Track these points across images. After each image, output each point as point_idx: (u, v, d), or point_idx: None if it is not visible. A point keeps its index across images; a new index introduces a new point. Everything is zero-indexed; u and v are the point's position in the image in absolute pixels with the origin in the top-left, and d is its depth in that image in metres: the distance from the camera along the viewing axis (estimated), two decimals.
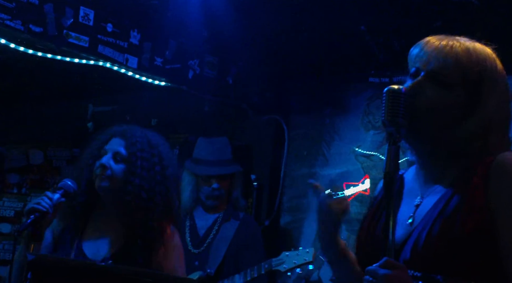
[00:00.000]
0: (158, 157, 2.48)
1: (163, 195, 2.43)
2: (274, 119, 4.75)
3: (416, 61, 1.70)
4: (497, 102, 1.65)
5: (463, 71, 1.65)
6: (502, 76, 1.70)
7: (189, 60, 4.26)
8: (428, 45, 1.70)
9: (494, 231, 1.54)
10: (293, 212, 4.59)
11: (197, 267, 3.73)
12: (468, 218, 1.55)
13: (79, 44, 3.62)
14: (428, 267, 1.57)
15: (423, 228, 1.61)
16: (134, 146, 2.46)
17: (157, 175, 2.44)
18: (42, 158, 5.83)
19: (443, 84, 1.65)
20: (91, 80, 4.78)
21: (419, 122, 1.64)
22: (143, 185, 2.41)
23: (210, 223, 3.90)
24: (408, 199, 1.76)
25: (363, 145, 4.40)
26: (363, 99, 4.44)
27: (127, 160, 2.45)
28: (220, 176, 3.89)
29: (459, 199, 1.58)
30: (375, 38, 3.90)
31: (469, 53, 1.67)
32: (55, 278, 1.58)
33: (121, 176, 2.44)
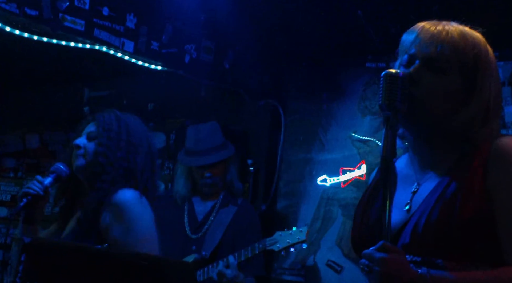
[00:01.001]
0: (126, 132, 2.50)
1: (125, 161, 2.43)
2: (271, 104, 4.74)
3: (411, 48, 1.69)
4: (493, 85, 1.66)
5: (460, 56, 1.65)
6: (494, 60, 1.71)
7: (186, 45, 4.24)
8: (423, 31, 1.69)
9: (493, 215, 1.55)
10: (290, 197, 4.60)
11: (194, 251, 3.74)
12: (467, 202, 1.56)
13: (75, 28, 3.60)
14: (427, 252, 1.58)
15: (422, 213, 1.61)
16: (103, 122, 2.50)
17: (121, 142, 2.46)
18: (38, 142, 5.83)
19: (440, 70, 1.65)
20: (87, 64, 4.76)
21: (419, 110, 1.64)
22: (104, 152, 2.42)
23: (209, 208, 3.91)
24: (403, 185, 1.76)
25: (360, 130, 4.40)
26: (360, 85, 4.44)
27: (97, 136, 2.48)
28: (211, 164, 3.89)
29: (458, 184, 1.59)
30: (372, 23, 3.89)
31: (465, 37, 1.67)
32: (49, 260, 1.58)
33: (94, 149, 2.46)
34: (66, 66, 5.02)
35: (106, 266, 1.48)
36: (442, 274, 1.53)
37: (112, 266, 1.47)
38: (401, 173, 1.79)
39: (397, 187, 1.77)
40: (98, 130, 2.49)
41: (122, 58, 4.06)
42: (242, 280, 3.52)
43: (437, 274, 1.52)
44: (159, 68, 4.29)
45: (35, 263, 1.57)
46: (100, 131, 2.48)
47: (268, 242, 3.55)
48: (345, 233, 4.32)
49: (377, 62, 4.31)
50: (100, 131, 2.48)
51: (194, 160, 3.91)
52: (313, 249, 4.35)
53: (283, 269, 4.49)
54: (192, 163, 3.91)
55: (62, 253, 1.55)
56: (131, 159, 2.46)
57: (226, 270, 3.47)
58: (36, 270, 1.53)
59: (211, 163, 3.88)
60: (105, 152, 2.43)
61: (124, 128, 2.50)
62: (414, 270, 1.51)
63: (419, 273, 1.51)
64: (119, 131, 2.48)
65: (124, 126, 2.51)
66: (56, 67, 5.12)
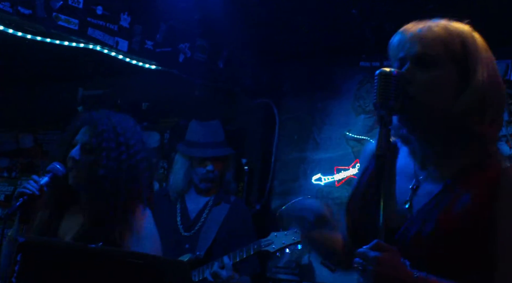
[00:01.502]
0: (125, 145, 2.48)
1: (129, 183, 2.44)
2: (265, 103, 4.74)
3: (399, 51, 1.70)
4: (487, 71, 1.65)
5: (446, 46, 1.66)
6: (484, 45, 1.70)
7: (180, 44, 4.24)
8: (406, 33, 1.70)
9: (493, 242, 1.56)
10: (284, 196, 4.60)
11: (188, 250, 3.74)
12: (475, 225, 1.56)
13: (69, 27, 3.59)
14: (426, 257, 1.58)
15: (425, 219, 1.61)
16: (101, 136, 2.46)
17: (123, 165, 2.44)
18: (32, 142, 5.81)
19: (431, 64, 1.66)
20: (81, 63, 4.76)
21: (417, 107, 1.63)
22: (107, 176, 2.41)
23: (201, 206, 3.90)
24: (402, 178, 1.75)
25: (354, 129, 4.41)
26: (354, 84, 4.44)
27: (94, 150, 2.46)
28: (215, 157, 3.88)
29: (467, 202, 1.58)
30: (366, 22, 3.89)
31: (446, 28, 1.68)
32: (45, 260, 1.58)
33: (88, 167, 2.45)
34: (60, 65, 5.01)
35: (101, 265, 1.48)
36: (437, 279, 1.52)
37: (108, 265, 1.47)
38: (400, 162, 1.78)
39: (395, 178, 1.76)
40: (96, 145, 2.45)
41: (116, 57, 4.05)
42: (237, 280, 3.52)
43: (433, 279, 1.52)
44: (153, 67, 4.28)
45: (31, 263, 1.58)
46: (98, 147, 2.44)
47: (263, 243, 3.55)
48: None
49: (371, 61, 4.32)
50: (97, 146, 2.45)
51: (200, 151, 3.89)
52: (308, 248, 4.35)
53: (278, 268, 4.50)
54: (198, 153, 3.89)
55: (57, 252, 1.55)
56: (134, 176, 2.46)
57: (221, 271, 3.47)
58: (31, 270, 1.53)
59: (217, 156, 3.87)
60: (108, 176, 2.41)
61: (123, 142, 2.47)
62: (409, 271, 1.51)
63: (415, 275, 1.51)
64: (120, 150, 2.46)
65: (123, 138, 2.48)
66: (50, 66, 5.11)
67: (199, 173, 3.87)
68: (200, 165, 3.87)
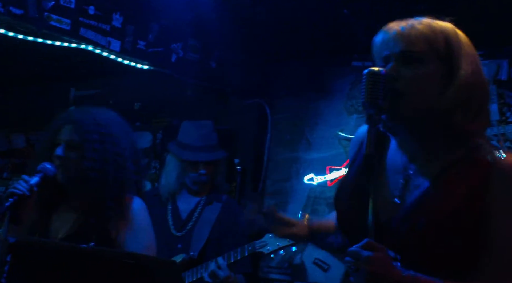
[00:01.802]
0: (108, 135, 2.50)
1: (116, 174, 2.45)
2: (258, 103, 4.75)
3: (383, 49, 1.72)
4: (471, 67, 1.67)
5: (430, 42, 1.67)
6: (468, 42, 1.72)
7: (172, 44, 4.24)
8: (390, 30, 1.72)
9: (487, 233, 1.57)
10: (277, 196, 4.61)
11: (180, 250, 3.73)
12: (468, 219, 1.57)
13: (61, 27, 3.58)
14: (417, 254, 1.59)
15: (418, 214, 1.62)
16: (84, 130, 2.48)
17: (108, 154, 2.46)
18: (24, 142, 5.80)
19: (415, 61, 1.67)
20: (73, 63, 4.75)
21: (404, 102, 1.65)
22: (94, 167, 2.43)
23: (193, 206, 3.90)
24: (391, 171, 1.76)
25: (346, 129, 4.41)
26: (346, 83, 4.45)
27: (79, 146, 2.47)
28: (207, 161, 3.88)
29: (458, 198, 1.60)
30: (358, 21, 3.90)
31: (429, 25, 1.70)
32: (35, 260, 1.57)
33: (74, 162, 2.46)
34: (52, 65, 4.99)
35: (92, 265, 1.48)
36: (428, 278, 1.54)
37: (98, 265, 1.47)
38: (389, 156, 1.79)
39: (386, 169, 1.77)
40: (79, 140, 2.47)
41: (109, 57, 4.05)
42: (233, 279, 3.52)
43: (423, 278, 1.53)
44: (146, 67, 4.28)
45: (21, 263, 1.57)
46: (81, 141, 2.46)
47: (258, 244, 3.55)
48: None
49: (363, 61, 4.33)
50: (81, 140, 2.46)
51: (193, 154, 3.89)
52: (300, 248, 4.35)
53: (270, 267, 4.50)
54: (191, 157, 3.88)
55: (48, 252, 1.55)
56: (120, 165, 2.47)
57: (218, 271, 3.47)
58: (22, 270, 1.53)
59: (211, 160, 3.87)
60: (94, 167, 2.43)
61: (106, 133, 2.49)
62: (398, 270, 1.52)
63: (404, 274, 1.52)
64: (103, 140, 2.47)
65: (105, 129, 2.50)
66: (42, 66, 5.10)
67: (192, 176, 3.87)
68: (192, 168, 3.87)
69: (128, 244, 2.40)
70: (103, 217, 2.40)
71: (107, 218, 2.40)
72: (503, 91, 3.85)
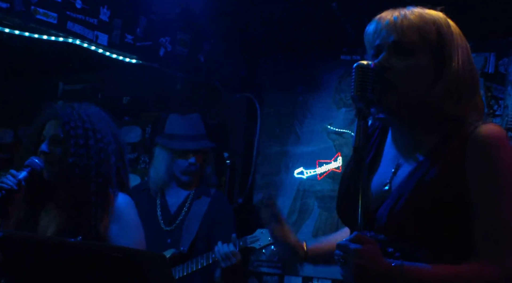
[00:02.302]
0: (92, 130, 2.50)
1: (100, 169, 2.45)
2: (247, 97, 4.74)
3: (376, 39, 1.72)
4: (461, 55, 1.68)
5: (422, 33, 1.67)
6: (458, 32, 1.73)
7: (161, 38, 4.22)
8: (382, 21, 1.72)
9: (467, 204, 1.57)
10: (266, 189, 4.61)
11: (170, 245, 3.73)
12: (445, 191, 1.58)
13: (48, 21, 3.56)
14: (402, 235, 1.60)
15: (399, 196, 1.63)
16: (67, 125, 2.48)
17: (92, 150, 2.46)
18: (12, 137, 5.77)
19: (407, 51, 1.67)
20: (61, 57, 4.71)
21: (396, 93, 1.65)
22: (77, 163, 2.43)
23: (182, 200, 3.89)
24: (385, 163, 1.78)
25: (335, 122, 4.42)
26: (335, 77, 4.45)
27: (63, 141, 2.47)
28: (197, 150, 3.88)
29: (437, 171, 1.61)
30: (346, 15, 3.90)
31: (422, 15, 1.70)
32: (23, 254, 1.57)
33: (59, 158, 2.46)
34: (39, 60, 4.96)
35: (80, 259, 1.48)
36: (416, 266, 1.54)
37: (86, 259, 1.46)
38: (387, 147, 1.80)
39: (381, 161, 1.79)
40: (63, 136, 2.47)
41: (96, 51, 4.02)
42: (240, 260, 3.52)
43: (411, 266, 1.54)
44: (134, 61, 4.26)
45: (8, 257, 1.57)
46: (65, 137, 2.46)
47: (249, 239, 3.55)
48: (321, 225, 4.34)
49: (352, 54, 4.33)
50: (65, 136, 2.46)
51: (182, 143, 3.88)
52: None
53: (261, 261, 4.51)
54: (180, 146, 3.87)
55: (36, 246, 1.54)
56: (104, 159, 2.47)
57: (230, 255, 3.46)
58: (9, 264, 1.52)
59: (199, 148, 3.87)
60: (78, 162, 2.43)
61: (90, 128, 2.49)
62: (387, 262, 1.53)
63: (393, 265, 1.52)
64: (87, 135, 2.47)
65: (89, 124, 2.50)
66: (29, 61, 5.06)
67: (181, 165, 3.85)
68: (182, 157, 3.85)
69: (117, 240, 2.40)
70: (89, 213, 2.39)
71: (92, 214, 2.39)
72: (490, 84, 3.87)
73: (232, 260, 3.44)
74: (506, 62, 3.84)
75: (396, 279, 1.52)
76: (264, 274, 4.50)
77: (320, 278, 4.29)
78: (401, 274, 1.52)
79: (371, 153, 1.80)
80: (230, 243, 3.48)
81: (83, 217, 2.39)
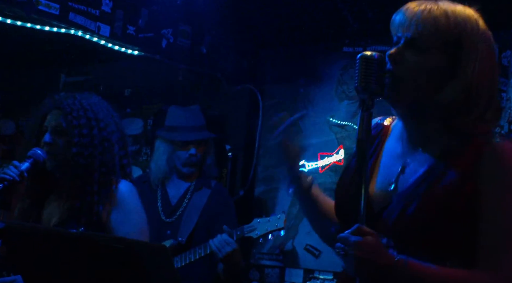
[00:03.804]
0: (95, 119, 2.50)
1: (103, 156, 2.45)
2: (248, 89, 4.73)
3: (398, 29, 1.69)
4: (479, 65, 1.63)
5: (442, 34, 1.64)
6: (484, 38, 1.67)
7: (163, 29, 4.21)
8: (408, 11, 1.68)
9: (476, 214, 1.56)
10: (268, 182, 4.60)
11: (169, 236, 3.74)
12: (458, 203, 1.56)
13: (50, 12, 3.55)
14: (409, 239, 1.58)
15: (410, 200, 1.61)
16: (70, 115, 2.48)
17: (95, 139, 2.46)
18: (13, 128, 5.77)
19: (422, 49, 1.64)
20: (63, 49, 4.71)
21: (402, 88, 1.64)
22: (81, 152, 2.43)
23: (182, 192, 3.90)
24: (389, 159, 1.75)
25: (337, 115, 4.41)
26: (337, 69, 4.44)
27: (66, 131, 2.47)
28: (197, 141, 3.88)
29: (450, 181, 1.59)
30: (349, 7, 3.89)
31: (447, 15, 1.65)
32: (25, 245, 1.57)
33: (62, 148, 2.46)
34: (41, 51, 4.95)
35: (81, 250, 1.48)
36: (420, 263, 1.53)
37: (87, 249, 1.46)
38: (391, 141, 1.79)
39: (382, 156, 1.77)
40: (66, 126, 2.46)
41: (98, 43, 4.02)
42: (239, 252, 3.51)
43: (415, 262, 1.52)
44: (136, 53, 4.25)
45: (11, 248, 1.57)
46: (68, 127, 2.46)
47: (246, 229, 3.56)
48: None
49: (354, 46, 4.31)
50: (68, 126, 2.46)
51: (183, 135, 3.88)
52: (292, 234, 4.36)
53: (262, 254, 4.51)
54: (181, 137, 3.88)
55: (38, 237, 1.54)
56: (107, 149, 2.46)
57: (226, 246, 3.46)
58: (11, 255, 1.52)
59: (200, 139, 3.87)
60: (82, 152, 2.42)
61: (93, 117, 2.49)
62: (390, 255, 1.51)
63: (396, 259, 1.51)
64: (90, 125, 2.47)
65: (92, 114, 2.49)
66: (31, 52, 5.06)
67: (182, 157, 3.86)
68: (182, 149, 3.86)
69: (121, 228, 2.40)
70: (91, 202, 2.39)
71: (95, 202, 2.39)
72: None
73: (227, 248, 3.44)
74: (509, 54, 3.82)
75: (398, 273, 1.50)
76: (265, 266, 4.50)
77: (321, 271, 4.29)
78: (404, 269, 1.50)
79: (372, 156, 1.78)
80: (224, 233, 3.49)
81: (85, 205, 2.39)
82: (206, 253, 3.53)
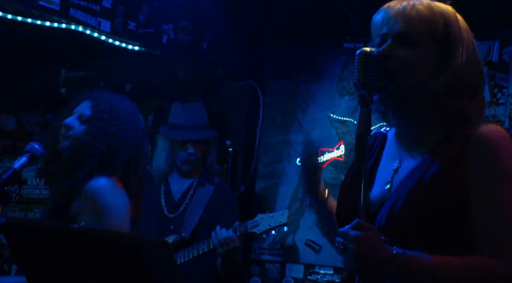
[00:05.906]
0: (116, 118, 2.53)
1: (107, 156, 2.46)
2: (249, 85, 4.73)
3: (383, 28, 1.71)
4: (466, 53, 1.66)
5: (429, 25, 1.67)
6: (466, 27, 1.72)
7: (163, 25, 4.21)
8: (390, 9, 1.71)
9: (468, 205, 1.56)
10: (268, 178, 4.61)
11: (172, 231, 3.75)
12: (444, 192, 1.57)
13: (50, 7, 3.55)
14: (401, 235, 1.59)
15: (399, 196, 1.62)
16: (97, 107, 2.54)
17: (109, 135, 2.48)
18: (14, 124, 5.77)
19: (412, 42, 1.67)
20: (63, 44, 4.71)
21: (397, 83, 1.65)
22: (91, 143, 2.46)
23: (185, 187, 3.91)
24: (387, 161, 1.77)
25: (338, 111, 4.41)
26: (338, 65, 4.44)
27: (88, 120, 2.52)
28: (196, 140, 3.89)
29: (436, 171, 1.59)
30: (349, 3, 3.88)
31: (430, 7, 1.69)
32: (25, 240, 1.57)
33: (81, 136, 2.48)
34: (42, 46, 4.95)
35: (82, 244, 1.48)
36: (418, 255, 1.53)
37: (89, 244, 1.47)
38: (388, 146, 1.80)
39: (381, 160, 1.78)
40: (90, 114, 2.52)
41: (99, 38, 4.02)
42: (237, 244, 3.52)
43: (413, 254, 1.52)
44: (137, 48, 4.25)
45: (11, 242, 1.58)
46: (91, 117, 2.51)
47: (250, 224, 3.57)
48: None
49: (355, 42, 4.32)
50: (91, 116, 2.51)
51: (181, 133, 3.90)
52: (292, 229, 4.37)
53: (263, 249, 4.52)
54: (179, 136, 3.89)
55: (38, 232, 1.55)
56: (114, 150, 2.47)
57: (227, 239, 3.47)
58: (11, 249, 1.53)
59: (198, 139, 3.88)
60: (91, 142, 2.45)
61: (115, 116, 2.52)
62: (388, 249, 1.52)
63: (394, 253, 1.51)
64: (110, 122, 2.50)
65: (116, 113, 2.53)
66: (32, 47, 5.05)
67: (181, 155, 3.88)
68: (181, 147, 3.88)
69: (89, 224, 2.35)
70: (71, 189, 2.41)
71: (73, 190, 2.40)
72: (494, 73, 3.86)
73: (230, 245, 3.45)
74: (510, 50, 3.82)
75: (397, 267, 1.50)
76: (266, 261, 4.51)
77: (322, 266, 4.30)
78: (402, 262, 1.50)
79: (370, 161, 1.78)
80: (230, 229, 3.50)
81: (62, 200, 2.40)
82: (209, 248, 3.54)
